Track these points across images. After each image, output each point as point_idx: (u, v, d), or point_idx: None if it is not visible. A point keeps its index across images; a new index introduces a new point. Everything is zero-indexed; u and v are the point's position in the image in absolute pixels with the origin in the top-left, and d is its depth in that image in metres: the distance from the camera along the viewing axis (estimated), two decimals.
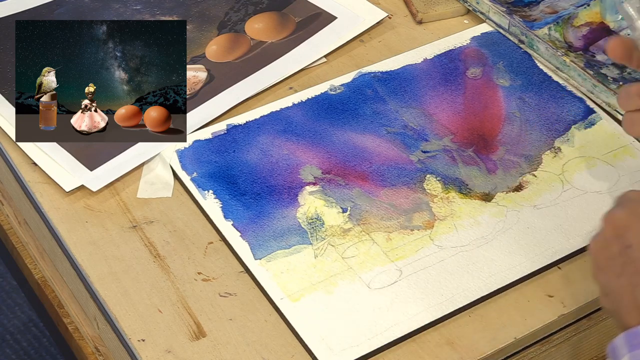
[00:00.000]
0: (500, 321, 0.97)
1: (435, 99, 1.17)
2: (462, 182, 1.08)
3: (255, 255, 1.01)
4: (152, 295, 0.99)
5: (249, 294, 0.99)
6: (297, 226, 1.04)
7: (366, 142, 1.12)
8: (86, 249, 1.03)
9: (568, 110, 1.15)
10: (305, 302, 0.97)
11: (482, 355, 0.95)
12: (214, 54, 1.23)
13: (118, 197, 1.08)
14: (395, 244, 1.02)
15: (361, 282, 0.99)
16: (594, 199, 1.07)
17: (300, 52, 1.23)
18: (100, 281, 1.00)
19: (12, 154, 1.12)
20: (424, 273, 1.00)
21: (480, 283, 0.99)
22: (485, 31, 1.25)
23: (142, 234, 1.04)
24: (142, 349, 0.95)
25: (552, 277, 1.00)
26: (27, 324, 1.92)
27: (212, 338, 0.96)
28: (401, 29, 1.27)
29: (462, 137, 1.13)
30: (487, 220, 1.05)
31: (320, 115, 1.15)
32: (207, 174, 1.09)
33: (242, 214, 1.05)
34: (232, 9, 1.28)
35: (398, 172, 1.09)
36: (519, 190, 1.08)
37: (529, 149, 1.12)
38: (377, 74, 1.20)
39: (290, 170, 1.09)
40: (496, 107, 1.16)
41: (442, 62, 1.21)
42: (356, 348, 0.94)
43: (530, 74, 1.20)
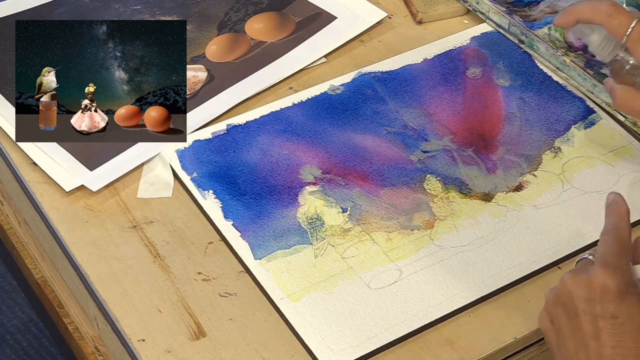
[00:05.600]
0: (500, 321, 0.97)
1: (435, 99, 1.17)
2: (462, 182, 1.08)
3: (255, 255, 1.01)
4: (152, 295, 0.99)
5: (249, 294, 0.99)
6: (297, 226, 1.04)
7: (366, 142, 1.12)
8: (86, 249, 1.03)
9: (568, 110, 1.16)
10: (305, 302, 0.97)
11: (482, 355, 0.95)
12: (214, 54, 1.23)
13: (118, 197, 1.08)
14: (395, 244, 1.02)
15: (361, 282, 0.99)
16: (594, 198, 1.07)
17: (300, 52, 1.23)
18: (100, 281, 1.00)
19: (12, 154, 1.12)
20: (424, 273, 1.00)
21: (480, 283, 0.99)
22: (485, 31, 1.25)
23: (142, 234, 1.04)
24: (142, 349, 0.95)
25: (552, 277, 1.00)
26: (27, 324, 1.92)
27: (212, 338, 0.96)
28: (401, 29, 1.27)
29: (462, 137, 1.13)
30: (487, 220, 1.05)
31: (320, 115, 1.15)
32: (207, 174, 1.09)
33: (242, 214, 1.05)
34: (232, 9, 1.28)
35: (398, 172, 1.09)
36: (519, 190, 1.08)
37: (529, 148, 1.12)
38: (377, 74, 1.20)
39: (290, 170, 1.09)
40: (496, 107, 1.16)
41: (442, 62, 1.21)
42: (356, 348, 0.94)
43: (530, 74, 1.20)
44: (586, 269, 0.87)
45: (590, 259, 0.89)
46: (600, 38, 1.02)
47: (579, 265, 0.90)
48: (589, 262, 0.89)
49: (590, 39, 1.02)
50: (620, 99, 1.00)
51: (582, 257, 0.91)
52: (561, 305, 0.87)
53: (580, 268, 0.88)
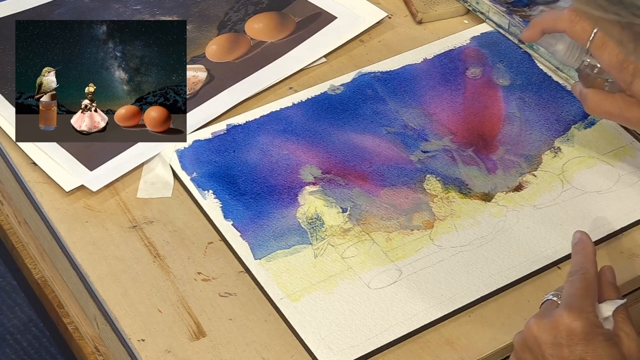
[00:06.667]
0: (500, 321, 0.97)
1: (435, 99, 1.17)
2: (462, 182, 1.08)
3: (255, 255, 1.01)
4: (152, 295, 0.99)
5: (249, 294, 0.99)
6: (297, 226, 1.04)
7: (366, 142, 1.12)
8: (86, 249, 1.03)
9: (568, 110, 1.16)
10: (305, 302, 0.97)
11: (482, 355, 0.95)
12: (214, 54, 1.23)
13: (118, 197, 1.08)
14: (395, 244, 1.02)
15: (361, 282, 0.99)
16: (594, 199, 1.07)
17: (300, 52, 1.23)
18: (100, 281, 1.00)
19: (12, 154, 1.12)
20: (424, 273, 1.00)
21: (480, 283, 0.99)
22: (485, 31, 1.25)
23: (142, 234, 1.04)
24: (142, 349, 0.95)
25: (552, 277, 1.00)
26: (27, 324, 1.92)
27: (212, 338, 0.96)
28: (401, 29, 1.27)
29: (462, 137, 1.13)
30: (487, 220, 1.05)
31: (320, 115, 1.15)
32: (207, 174, 1.09)
33: (242, 214, 1.05)
34: (232, 9, 1.28)
35: (398, 172, 1.09)
36: (519, 190, 1.08)
37: (529, 148, 1.12)
38: (377, 74, 1.20)
39: (290, 170, 1.09)
40: (496, 107, 1.16)
41: (442, 62, 1.21)
42: (356, 348, 0.94)
43: (530, 74, 1.20)
44: (551, 312, 0.87)
45: (555, 301, 0.90)
46: (565, 46, 1.02)
47: (543, 308, 0.90)
48: (554, 304, 0.89)
49: (555, 49, 1.03)
50: (592, 102, 1.00)
51: (546, 299, 0.91)
52: (528, 350, 0.87)
53: (545, 312, 0.88)
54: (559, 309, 0.86)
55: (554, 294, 0.90)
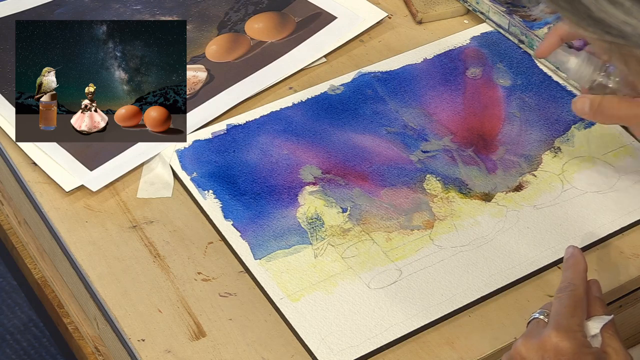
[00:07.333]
0: (500, 321, 0.97)
1: (435, 99, 1.17)
2: (462, 182, 1.08)
3: (255, 255, 1.01)
4: (152, 295, 0.99)
5: (249, 294, 0.99)
6: (297, 226, 1.04)
7: (366, 142, 1.12)
8: (86, 249, 1.03)
9: (568, 110, 1.15)
10: (305, 302, 0.97)
11: (482, 355, 0.95)
12: (214, 54, 1.23)
13: (118, 197, 1.08)
14: (395, 244, 1.02)
15: (361, 282, 0.99)
16: (594, 199, 1.07)
17: (300, 52, 1.23)
18: (100, 281, 1.00)
19: (12, 154, 1.12)
20: (424, 273, 1.00)
21: (480, 283, 0.99)
22: (485, 31, 1.25)
23: (142, 234, 1.04)
24: (142, 349, 0.95)
25: (552, 277, 1.00)
26: (27, 324, 1.92)
27: (212, 338, 0.96)
28: (401, 29, 1.27)
29: (462, 137, 1.13)
30: (487, 220, 1.05)
31: (320, 115, 1.15)
32: (207, 174, 1.09)
33: (242, 214, 1.05)
34: (232, 9, 1.28)
35: (398, 172, 1.09)
36: (519, 190, 1.08)
37: (529, 149, 1.12)
38: (377, 74, 1.20)
39: (290, 170, 1.09)
40: (496, 107, 1.16)
41: (442, 62, 1.21)
42: (356, 348, 0.94)
43: (530, 74, 1.20)
44: (538, 332, 0.86)
45: (542, 319, 0.88)
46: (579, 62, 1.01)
47: (530, 327, 0.89)
48: (541, 322, 0.88)
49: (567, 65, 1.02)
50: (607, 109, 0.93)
51: (533, 317, 0.89)
52: None
53: (532, 331, 0.87)
54: (547, 329, 0.85)
55: (540, 312, 0.89)
